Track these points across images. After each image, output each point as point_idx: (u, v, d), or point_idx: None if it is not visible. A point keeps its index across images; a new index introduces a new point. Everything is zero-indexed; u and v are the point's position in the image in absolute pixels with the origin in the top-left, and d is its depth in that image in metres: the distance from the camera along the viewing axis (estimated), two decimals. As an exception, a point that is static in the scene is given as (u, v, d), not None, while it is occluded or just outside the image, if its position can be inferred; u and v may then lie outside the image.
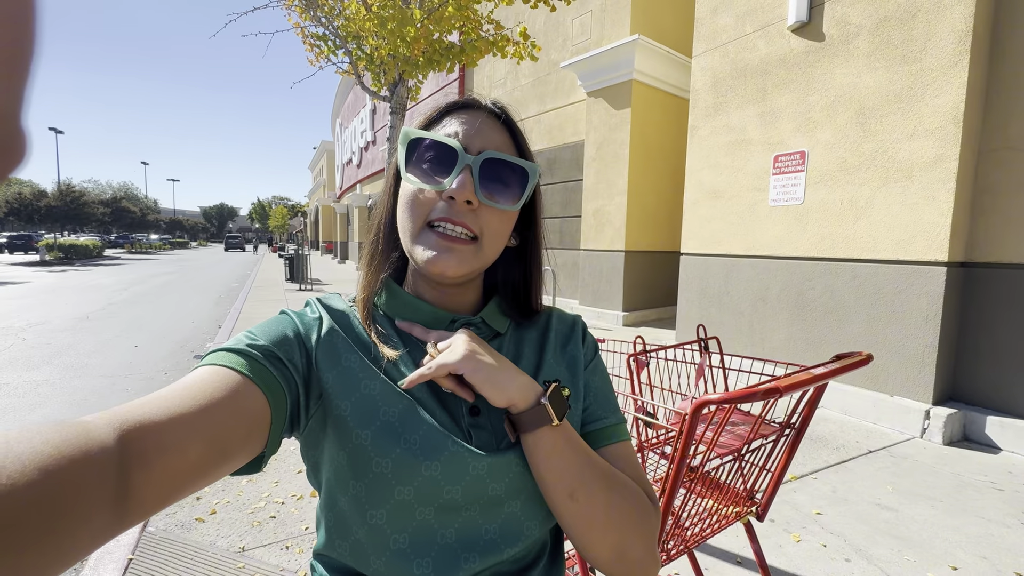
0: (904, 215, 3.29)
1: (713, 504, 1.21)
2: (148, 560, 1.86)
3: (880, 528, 2.14)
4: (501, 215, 0.54)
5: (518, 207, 0.55)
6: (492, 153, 0.53)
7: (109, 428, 0.33)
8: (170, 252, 41.71)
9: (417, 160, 0.54)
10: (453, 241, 0.52)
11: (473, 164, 0.52)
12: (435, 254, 0.52)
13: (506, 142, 0.56)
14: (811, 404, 1.20)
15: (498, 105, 0.58)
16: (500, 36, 3.92)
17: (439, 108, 0.58)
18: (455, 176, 0.52)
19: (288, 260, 12.45)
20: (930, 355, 3.17)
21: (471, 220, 0.53)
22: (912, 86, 3.23)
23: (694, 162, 4.79)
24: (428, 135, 0.53)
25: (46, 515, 0.27)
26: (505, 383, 0.50)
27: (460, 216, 0.52)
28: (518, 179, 0.54)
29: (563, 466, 0.50)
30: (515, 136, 0.58)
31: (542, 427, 0.50)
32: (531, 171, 0.55)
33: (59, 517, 0.27)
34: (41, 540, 0.26)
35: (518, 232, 0.62)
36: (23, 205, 26.61)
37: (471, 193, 0.51)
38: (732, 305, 4.47)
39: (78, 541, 0.29)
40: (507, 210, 0.54)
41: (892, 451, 2.95)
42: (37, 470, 0.27)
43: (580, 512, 0.50)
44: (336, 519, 0.53)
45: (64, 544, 0.28)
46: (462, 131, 0.54)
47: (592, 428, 0.59)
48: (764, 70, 4.11)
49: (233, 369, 0.44)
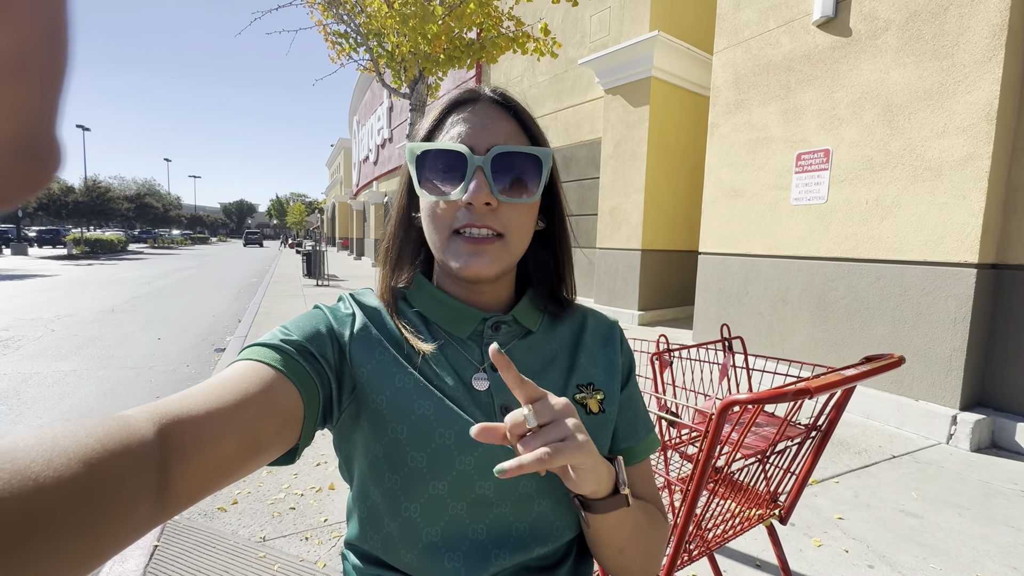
0: (932, 215, 3.20)
1: (736, 506, 1.20)
2: (173, 547, 1.91)
3: (904, 535, 2.09)
4: (522, 208, 0.54)
5: (537, 196, 0.54)
6: (501, 147, 0.51)
7: (149, 422, 0.34)
8: (191, 247, 42.54)
9: (428, 173, 0.53)
10: (480, 243, 0.52)
11: (484, 164, 0.51)
12: (466, 260, 0.52)
13: (514, 130, 0.55)
14: (838, 407, 1.18)
15: (498, 92, 0.56)
16: (521, 32, 3.91)
17: (440, 109, 0.56)
18: (468, 181, 0.51)
19: (305, 256, 12.61)
20: (958, 359, 3.09)
21: (493, 220, 0.52)
22: (943, 82, 3.14)
23: (714, 160, 4.72)
24: (433, 146, 0.52)
25: (90, 507, 0.27)
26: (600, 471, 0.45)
27: (482, 219, 0.52)
28: (533, 167, 0.53)
29: (620, 531, 0.52)
30: (522, 120, 0.56)
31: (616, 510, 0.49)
32: (543, 156, 0.53)
33: (103, 508, 0.28)
34: (85, 530, 0.27)
35: (542, 214, 0.61)
36: (52, 200, 27.42)
37: (488, 195, 0.51)
38: (751, 305, 4.40)
39: (120, 532, 0.29)
40: (528, 203, 0.54)
41: (917, 456, 2.88)
42: (81, 463, 0.28)
43: (623, 561, 0.54)
44: (369, 511, 0.53)
45: (107, 534, 0.28)
46: (467, 130, 0.53)
47: (628, 445, 0.60)
48: (788, 66, 4.03)
49: (267, 364, 0.44)
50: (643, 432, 0.62)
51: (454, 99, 0.56)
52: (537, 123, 0.57)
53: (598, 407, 0.58)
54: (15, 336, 5.68)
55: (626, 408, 0.61)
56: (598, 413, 0.58)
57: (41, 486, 0.25)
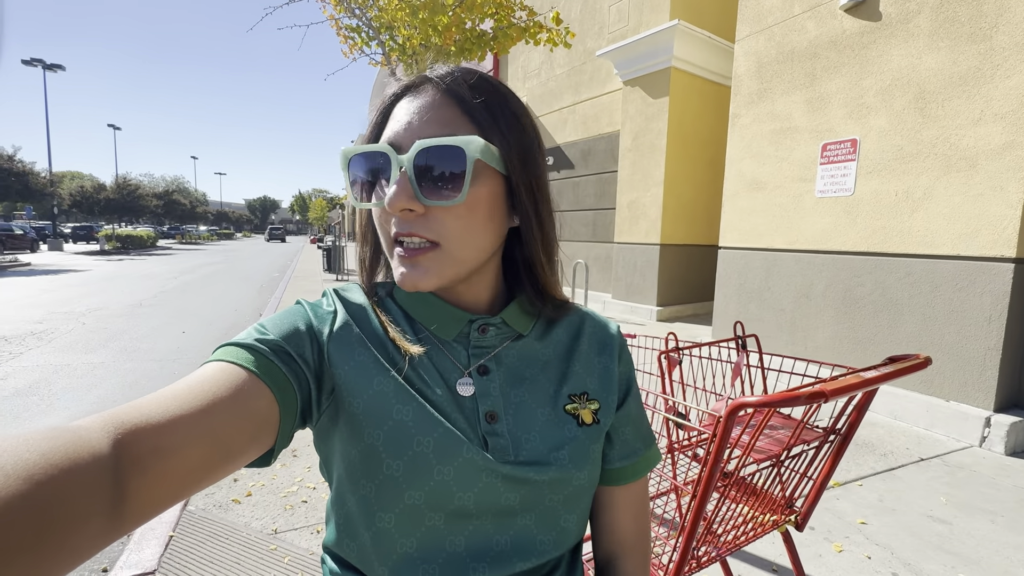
0: (967, 207, 3.05)
1: (749, 511, 1.15)
2: (187, 538, 1.95)
3: (931, 542, 2.00)
4: (456, 210, 0.46)
5: (461, 198, 0.45)
6: (423, 143, 0.44)
7: (103, 433, 0.32)
8: (217, 243, 43.61)
9: (359, 179, 0.49)
10: (414, 255, 0.47)
11: (407, 164, 0.45)
12: (403, 273, 0.47)
13: (453, 118, 0.47)
14: (859, 409, 1.12)
15: (446, 75, 0.48)
16: (533, 23, 3.85)
17: (385, 102, 0.51)
18: (391, 186, 0.46)
19: (326, 251, 12.79)
20: (992, 358, 2.94)
21: (422, 227, 0.46)
22: (980, 67, 2.97)
23: (735, 152, 4.59)
24: (357, 149, 0.48)
25: (34, 524, 0.26)
26: None
27: (409, 227, 0.46)
28: (458, 162, 0.45)
29: None
30: (466, 105, 0.47)
31: None
32: (467, 146, 0.44)
33: (49, 526, 0.27)
34: (32, 547, 0.26)
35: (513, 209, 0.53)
36: (84, 198, 28.36)
37: (407, 200, 0.45)
38: (773, 301, 4.28)
39: (73, 548, 0.28)
40: (455, 205, 0.46)
41: (946, 460, 2.76)
42: (22, 480, 0.26)
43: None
44: (346, 518, 0.52)
45: (59, 550, 0.27)
46: (399, 127, 0.48)
47: (627, 463, 0.58)
48: (813, 53, 3.88)
49: (239, 365, 0.42)
50: (642, 449, 0.59)
51: (404, 85, 0.51)
52: (502, 106, 0.49)
53: (592, 418, 0.54)
54: (48, 329, 5.90)
55: (624, 426, 0.58)
56: (591, 424, 0.54)
57: None
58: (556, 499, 0.51)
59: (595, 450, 0.54)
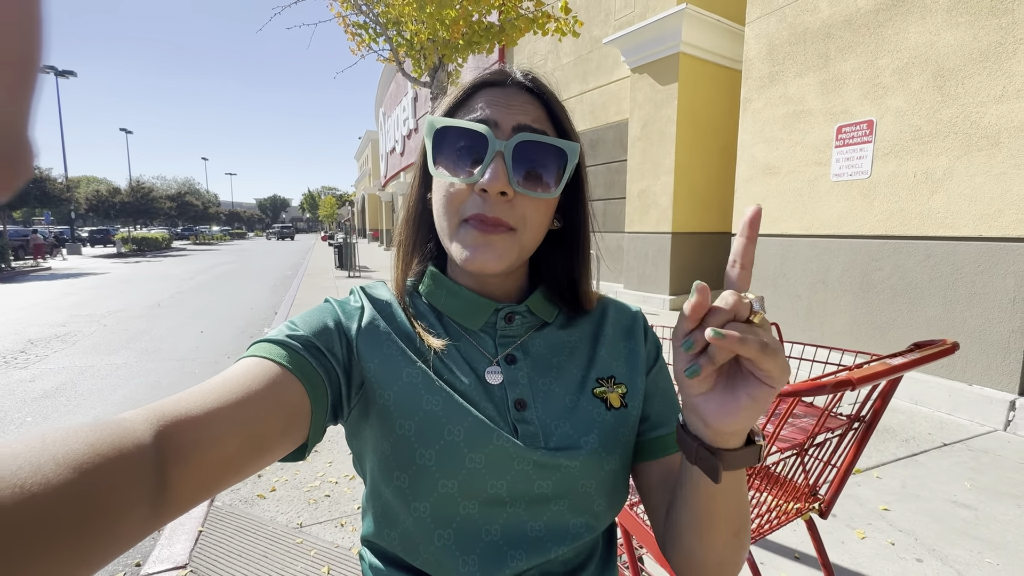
0: (989, 186, 2.98)
1: (772, 499, 1.15)
2: (216, 532, 1.99)
3: (956, 527, 1.98)
4: (539, 203, 0.50)
5: (556, 193, 0.51)
6: (526, 136, 0.48)
7: (146, 425, 0.33)
8: (230, 242, 44.13)
9: (446, 151, 0.50)
10: (489, 233, 0.49)
11: (505, 150, 0.48)
12: (472, 251, 0.49)
13: (541, 117, 0.51)
14: (884, 396, 1.11)
15: (529, 76, 0.53)
16: (540, 13, 3.81)
17: (465, 87, 0.53)
18: (487, 166, 0.48)
19: (337, 248, 12.88)
20: (1017, 340, 2.88)
21: (506, 212, 0.49)
22: (1002, 41, 2.89)
23: (747, 137, 4.52)
24: (454, 122, 0.49)
25: (82, 512, 0.27)
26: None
27: (494, 210, 0.48)
28: (556, 161, 0.50)
29: (741, 503, 0.45)
30: (551, 109, 0.53)
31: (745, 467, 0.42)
32: (570, 151, 0.50)
33: (95, 514, 0.28)
34: (79, 535, 0.27)
35: (561, 213, 0.58)
36: (100, 202, 28.86)
37: (505, 184, 0.47)
38: (788, 288, 4.23)
39: (117, 535, 0.29)
40: (545, 198, 0.50)
41: (970, 444, 2.72)
42: (72, 469, 0.27)
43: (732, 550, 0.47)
44: (383, 509, 0.53)
45: (103, 539, 0.28)
46: (491, 112, 0.50)
47: (660, 433, 0.56)
48: (827, 33, 3.79)
49: (272, 360, 0.43)
50: (675, 419, 0.58)
51: (481, 79, 0.53)
52: (568, 115, 0.54)
53: (620, 401, 0.55)
54: (72, 332, 6.03)
55: (654, 396, 0.58)
56: (620, 408, 0.55)
57: (28, 492, 0.25)
58: (589, 484, 0.52)
59: (624, 434, 0.54)
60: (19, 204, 17.47)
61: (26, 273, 14.05)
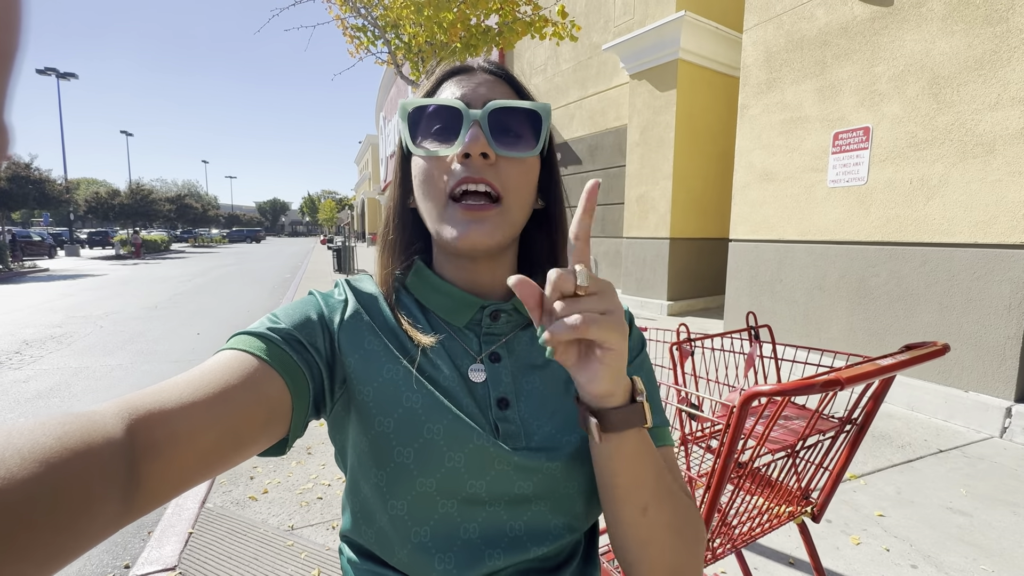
0: (984, 193, 2.99)
1: (764, 502, 1.14)
2: (206, 534, 1.98)
3: (951, 534, 1.97)
4: (521, 165, 0.51)
5: (537, 151, 0.51)
6: (499, 102, 0.49)
7: (117, 419, 0.32)
8: (228, 246, 44.10)
9: (423, 131, 0.51)
10: (478, 210, 0.48)
11: (481, 118, 0.48)
12: (464, 229, 0.48)
13: (508, 93, 0.53)
14: (875, 398, 1.10)
15: (491, 63, 0.55)
16: (538, 17, 3.83)
17: (436, 78, 0.55)
18: (464, 133, 0.48)
19: (336, 251, 12.89)
20: (1013, 347, 2.88)
21: (492, 175, 0.49)
22: (996, 50, 2.91)
23: (744, 143, 4.54)
24: (427, 101, 0.50)
25: (48, 507, 0.27)
26: (623, 368, 0.42)
27: (479, 172, 0.48)
28: (530, 124, 0.51)
29: (642, 475, 0.45)
30: (517, 88, 0.55)
31: (632, 428, 0.43)
32: (543, 111, 0.51)
33: (62, 509, 0.27)
34: (47, 530, 0.26)
35: (540, 193, 0.58)
36: (100, 204, 28.82)
37: (485, 145, 0.47)
38: (785, 294, 4.24)
39: (87, 530, 0.29)
40: (527, 157, 0.51)
41: (966, 451, 2.72)
42: (38, 463, 0.27)
43: (646, 529, 0.46)
44: (361, 505, 0.52)
45: (72, 534, 0.28)
46: (462, 92, 0.51)
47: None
48: (823, 41, 3.82)
49: (252, 353, 0.43)
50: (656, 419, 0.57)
51: (451, 68, 0.55)
52: (531, 93, 0.56)
53: None
54: (68, 332, 6.01)
55: None
56: None
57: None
58: (570, 486, 0.51)
59: None
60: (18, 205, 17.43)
61: (23, 274, 14.03)
